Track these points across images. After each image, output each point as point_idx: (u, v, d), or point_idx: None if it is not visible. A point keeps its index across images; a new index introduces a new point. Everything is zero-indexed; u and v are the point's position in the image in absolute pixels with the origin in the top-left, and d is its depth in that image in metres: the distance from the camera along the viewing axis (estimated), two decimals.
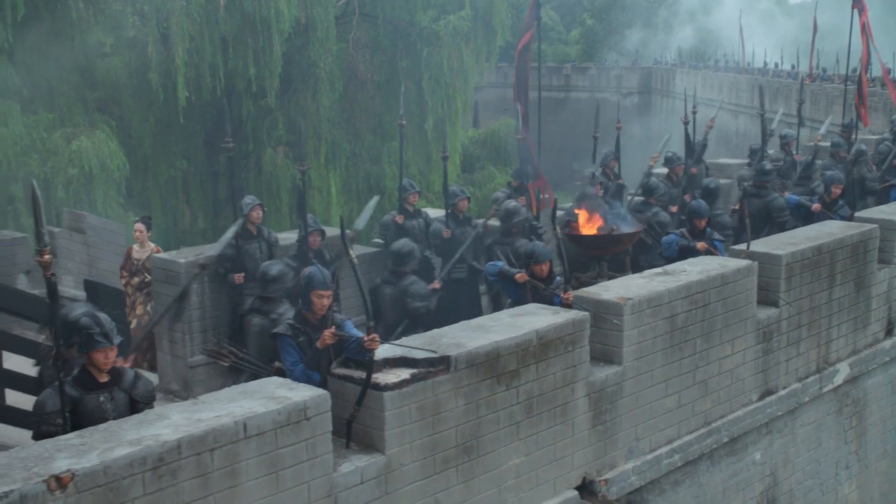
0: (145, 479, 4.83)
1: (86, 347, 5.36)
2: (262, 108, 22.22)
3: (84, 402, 5.39)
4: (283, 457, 5.37)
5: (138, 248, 10.47)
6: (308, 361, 6.20)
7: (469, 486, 6.39)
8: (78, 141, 17.45)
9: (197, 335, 9.02)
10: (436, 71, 22.78)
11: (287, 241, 9.73)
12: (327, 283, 6.48)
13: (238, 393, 5.60)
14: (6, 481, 4.46)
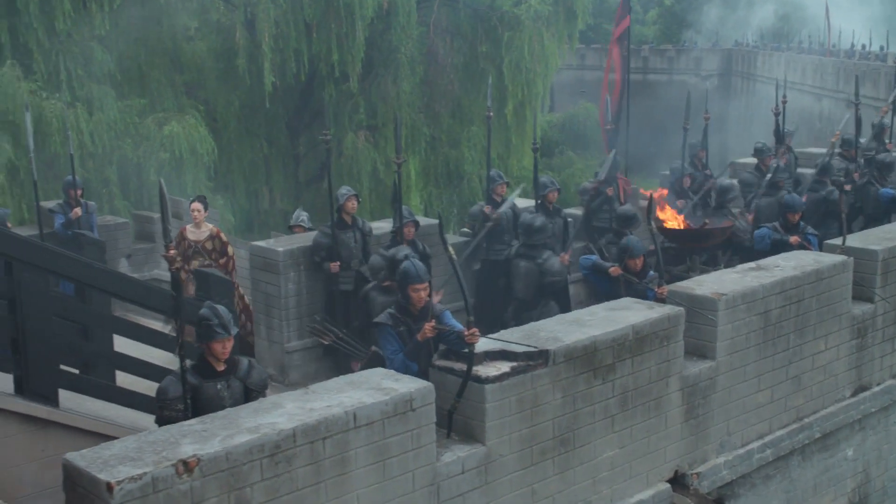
0: (263, 466, 5.07)
1: (205, 338, 5.62)
2: (343, 93, 22.46)
3: (202, 389, 5.66)
4: (389, 446, 5.57)
5: (194, 229, 9.99)
6: (408, 352, 6.39)
7: (564, 478, 6.53)
8: (169, 126, 17.92)
9: (293, 321, 9.31)
10: (516, 55, 22.74)
11: (380, 230, 9.94)
12: (422, 276, 6.63)
13: (346, 383, 5.81)
14: (139, 464, 4.74)
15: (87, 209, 10.94)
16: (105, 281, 6.34)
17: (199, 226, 9.94)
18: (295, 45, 20.45)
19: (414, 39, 22.82)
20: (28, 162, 16.18)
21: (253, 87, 21.04)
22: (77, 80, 17.44)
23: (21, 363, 6.11)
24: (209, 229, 9.97)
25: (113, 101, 17.77)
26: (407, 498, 5.69)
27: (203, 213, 9.92)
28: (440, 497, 5.87)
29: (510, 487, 6.24)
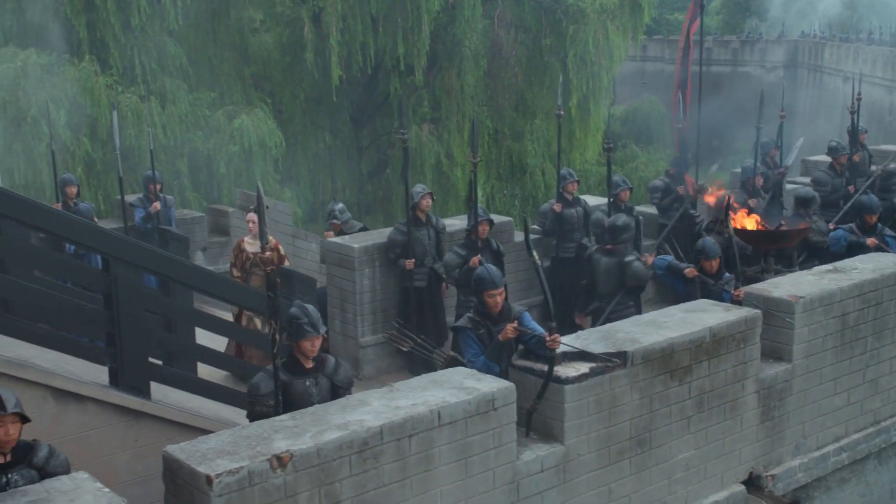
0: (352, 462, 5.23)
1: (295, 336, 5.79)
2: (407, 86, 22.63)
3: (292, 385, 5.83)
4: (471, 444, 5.70)
5: (252, 241, 9.39)
6: (489, 353, 6.48)
7: (641, 477, 6.60)
8: (239, 119, 18.25)
9: (367, 316, 9.48)
10: (581, 49, 22.69)
11: (452, 227, 10.06)
12: (497, 282, 6.66)
13: (429, 382, 5.94)
14: (236, 458, 4.92)
15: (166, 203, 11.22)
16: (204, 282, 6.56)
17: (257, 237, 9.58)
18: (361, 39, 20.67)
19: (478, 32, 22.89)
20: (112, 158, 16.72)
21: (319, 81, 21.31)
22: (151, 73, 17.85)
23: (116, 356, 6.35)
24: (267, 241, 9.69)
25: (185, 95, 18.16)
26: (488, 495, 5.82)
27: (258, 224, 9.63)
28: (519, 494, 5.98)
29: (587, 486, 6.33)
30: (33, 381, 5.99)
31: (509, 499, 5.92)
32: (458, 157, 23.07)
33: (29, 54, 15.91)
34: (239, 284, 6.93)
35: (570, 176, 10.57)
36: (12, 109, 15.47)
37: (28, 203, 6.20)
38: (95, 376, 6.65)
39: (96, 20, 17.14)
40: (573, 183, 10.53)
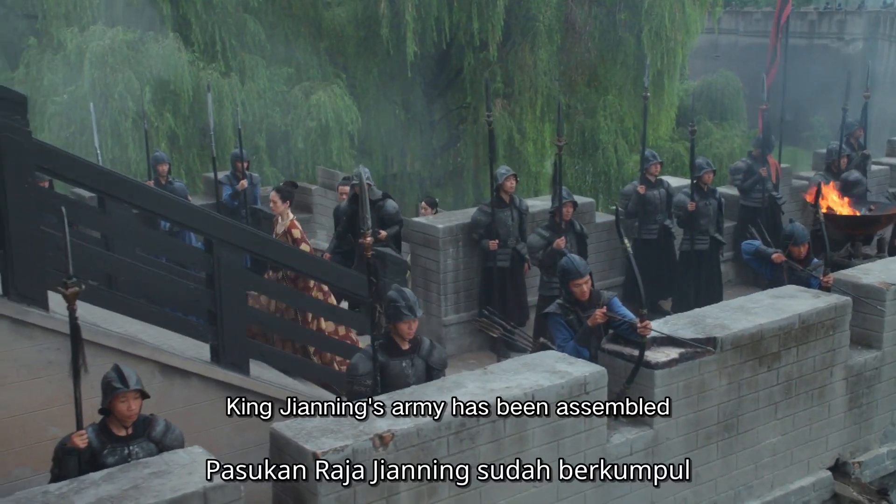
0: (449, 442, 5.40)
1: (392, 319, 5.95)
2: (480, 61, 22.60)
3: (389, 366, 6.01)
4: (563, 427, 5.83)
5: (280, 221, 8.85)
6: (579, 338, 6.58)
7: (727, 462, 6.67)
8: (316, 95, 18.46)
9: (451, 296, 9.64)
10: (656, 23, 22.37)
11: (535, 208, 10.14)
12: (580, 271, 6.70)
13: (521, 365, 6.08)
14: (340, 437, 5.12)
15: (252, 181, 11.48)
16: (303, 264, 6.76)
17: (283, 217, 8.79)
18: (436, 14, 20.67)
19: (552, 7, 22.72)
20: (194, 133, 17.11)
21: (393, 56, 21.41)
22: (231, 50, 18.13)
23: (218, 334, 6.59)
24: (288, 220, 8.77)
25: (263, 71, 18.42)
26: None
27: (279, 204, 8.77)
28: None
29: (675, 470, 6.41)
30: (143, 357, 6.26)
31: (599, 480, 6.04)
32: (530, 132, 23.04)
33: (116, 32, 16.30)
34: (336, 266, 7.08)
35: (653, 158, 10.55)
36: (100, 86, 15.89)
37: (137, 185, 6.45)
38: (197, 353, 6.92)
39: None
40: (656, 165, 10.51)
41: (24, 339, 5.85)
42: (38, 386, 5.93)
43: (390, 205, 9.63)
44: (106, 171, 6.45)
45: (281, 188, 9.01)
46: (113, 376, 5.01)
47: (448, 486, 5.40)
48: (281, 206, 8.68)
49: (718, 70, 30.63)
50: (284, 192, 8.85)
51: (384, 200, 9.60)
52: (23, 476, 5.93)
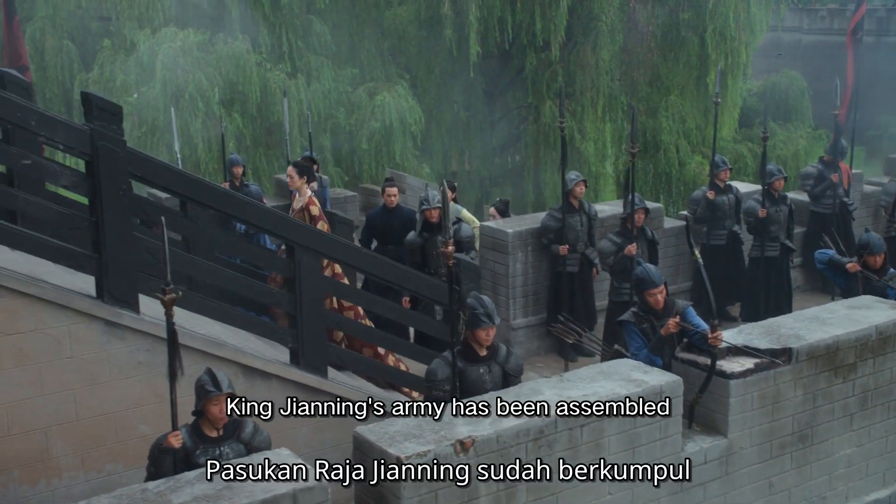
0: (528, 448, 5.50)
1: (471, 325, 6.07)
2: (542, 61, 22.63)
3: (467, 372, 6.12)
4: (639, 435, 5.90)
5: (298, 198, 8.55)
6: (652, 346, 6.63)
7: (801, 473, 6.67)
8: (380, 96, 18.64)
9: (519, 300, 9.74)
10: (721, 23, 22.18)
11: (604, 213, 10.18)
12: (655, 280, 6.74)
13: (597, 373, 6.15)
14: (422, 442, 5.25)
15: (321, 183, 11.66)
16: (384, 271, 6.90)
17: (301, 192, 8.46)
18: (499, 15, 20.76)
19: (615, 7, 22.66)
20: (261, 133, 17.39)
21: (454, 56, 21.53)
22: (297, 51, 18.40)
23: (298, 337, 6.77)
24: (306, 196, 8.39)
25: (328, 72, 18.65)
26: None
27: (296, 179, 8.42)
28: (683, 485, 6.15)
29: (749, 479, 6.45)
30: (226, 359, 6.46)
31: (673, 489, 6.10)
32: (591, 132, 23.00)
33: (187, 34, 16.64)
34: (416, 273, 7.20)
35: (723, 164, 10.52)
36: (171, 87, 16.24)
37: (221, 192, 6.65)
38: (275, 355, 7.11)
39: (248, 0, 17.78)
40: (726, 171, 10.49)
41: (117, 341, 6.08)
42: (129, 385, 6.16)
43: (465, 230, 9.63)
44: (193, 177, 6.65)
45: (299, 163, 8.72)
46: (206, 380, 5.19)
47: (526, 491, 5.50)
48: (298, 181, 8.40)
49: (782, 69, 30.18)
50: (302, 166, 8.59)
51: (458, 224, 9.59)
52: (115, 472, 6.17)
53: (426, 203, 9.14)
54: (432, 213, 9.04)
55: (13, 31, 10.66)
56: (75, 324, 5.93)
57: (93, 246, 6.09)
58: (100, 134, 5.83)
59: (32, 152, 6.40)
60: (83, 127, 5.85)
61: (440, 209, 8.53)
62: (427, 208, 9.10)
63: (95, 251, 6.06)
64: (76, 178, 5.96)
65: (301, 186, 8.38)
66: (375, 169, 18.39)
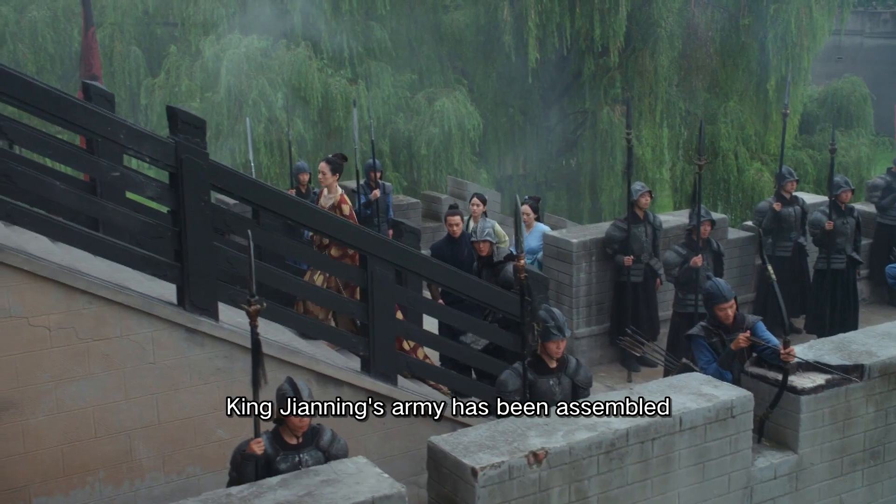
0: (599, 461, 5.57)
1: (542, 338, 6.14)
2: (600, 67, 22.62)
3: (537, 384, 6.20)
4: (709, 449, 5.93)
5: (327, 194, 8.40)
6: (721, 361, 6.65)
7: (873, 490, 6.64)
8: (439, 102, 18.80)
9: (582, 309, 9.79)
10: (782, 29, 21.97)
11: (667, 223, 10.18)
12: (726, 295, 6.74)
13: (667, 386, 6.19)
14: (496, 453, 5.34)
15: (385, 190, 11.80)
16: (455, 282, 7.01)
17: (331, 189, 8.35)
18: (558, 21, 20.80)
19: (674, 13, 22.57)
20: (320, 137, 17.64)
21: (511, 61, 21.60)
22: (357, 56, 18.61)
23: (369, 346, 6.90)
24: (336, 196, 8.27)
25: (388, 77, 18.84)
26: (722, 499, 6.04)
27: (328, 175, 8.29)
28: (753, 500, 6.17)
29: (819, 495, 6.44)
30: (301, 366, 6.60)
31: (742, 503, 6.11)
32: (648, 138, 22.92)
33: (251, 41, 16.95)
34: (488, 285, 7.28)
35: (789, 175, 10.46)
36: (235, 92, 16.55)
37: (300, 204, 6.80)
38: (346, 362, 7.25)
39: (310, 7, 18.03)
40: (793, 182, 10.42)
41: (197, 347, 6.25)
42: (207, 391, 6.33)
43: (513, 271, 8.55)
44: (270, 189, 6.81)
45: (331, 159, 8.52)
46: (287, 389, 5.33)
47: (597, 503, 5.57)
48: (330, 177, 8.26)
49: (843, 74, 29.75)
50: (334, 163, 8.39)
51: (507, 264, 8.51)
52: (194, 474, 6.35)
53: (474, 235, 8.83)
54: (480, 246, 8.65)
55: (89, 41, 10.99)
56: (158, 330, 6.11)
57: (175, 255, 6.27)
58: (184, 147, 6.01)
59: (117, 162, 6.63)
60: (168, 140, 6.03)
61: (489, 242, 8.59)
62: (475, 241, 8.72)
63: (177, 260, 6.24)
64: (161, 189, 6.15)
65: (332, 183, 8.29)
66: (434, 174, 18.55)
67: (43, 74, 17.53)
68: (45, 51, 17.64)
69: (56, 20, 17.75)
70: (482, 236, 8.60)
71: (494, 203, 13.71)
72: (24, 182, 5.77)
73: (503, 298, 7.05)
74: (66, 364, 5.85)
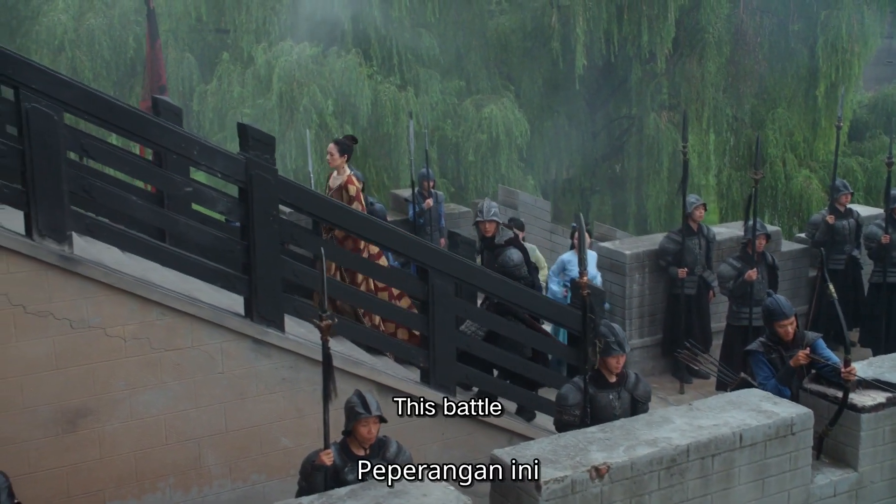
0: (660, 476, 5.64)
1: (602, 353, 6.22)
2: (647, 73, 22.59)
3: (597, 398, 6.28)
4: (769, 466, 5.97)
5: (336, 175, 8.33)
6: (780, 377, 6.67)
7: None
8: (487, 109, 18.87)
9: (635, 320, 9.84)
10: (832, 35, 21.78)
11: (721, 235, 10.19)
12: (787, 312, 6.76)
13: (726, 402, 6.24)
14: (559, 467, 5.43)
15: (437, 199, 11.92)
16: (517, 297, 7.12)
17: (340, 171, 8.24)
18: (605, 27, 20.81)
19: (722, 19, 22.47)
20: (370, 143, 17.80)
21: (558, 67, 21.65)
22: (406, 63, 18.75)
23: (430, 357, 7.03)
24: (343, 177, 8.17)
25: (436, 84, 18.96)
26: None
27: (336, 157, 8.19)
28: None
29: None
30: (362, 377, 6.75)
31: None
32: (695, 143, 22.81)
33: (303, 48, 17.16)
34: (549, 299, 7.38)
35: (844, 188, 10.43)
36: (287, 100, 16.77)
37: (363, 219, 6.94)
38: (406, 373, 7.38)
39: (360, 14, 18.21)
40: (847, 195, 10.40)
41: (264, 358, 6.42)
42: (273, 400, 6.50)
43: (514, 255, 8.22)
44: (335, 203, 6.97)
45: (340, 140, 8.43)
46: (356, 402, 5.46)
47: None
48: (338, 159, 8.16)
49: (894, 79, 29.41)
50: (343, 144, 8.31)
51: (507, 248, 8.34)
52: (259, 482, 6.52)
53: (480, 215, 8.61)
54: (486, 226, 8.46)
55: (155, 54, 11.26)
56: (227, 341, 6.29)
57: (242, 267, 6.44)
58: (254, 163, 6.18)
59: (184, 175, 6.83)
60: (239, 156, 6.20)
61: (495, 222, 8.43)
62: (481, 220, 8.51)
63: (245, 272, 6.40)
64: (231, 203, 6.32)
65: (341, 165, 8.20)
66: (481, 181, 18.63)
67: (99, 80, 17.85)
68: (102, 57, 17.95)
69: (112, 27, 18.06)
70: (488, 216, 8.44)
71: (543, 212, 13.75)
72: (103, 197, 5.97)
73: (565, 313, 7.14)
74: (139, 373, 6.05)
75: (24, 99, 5.48)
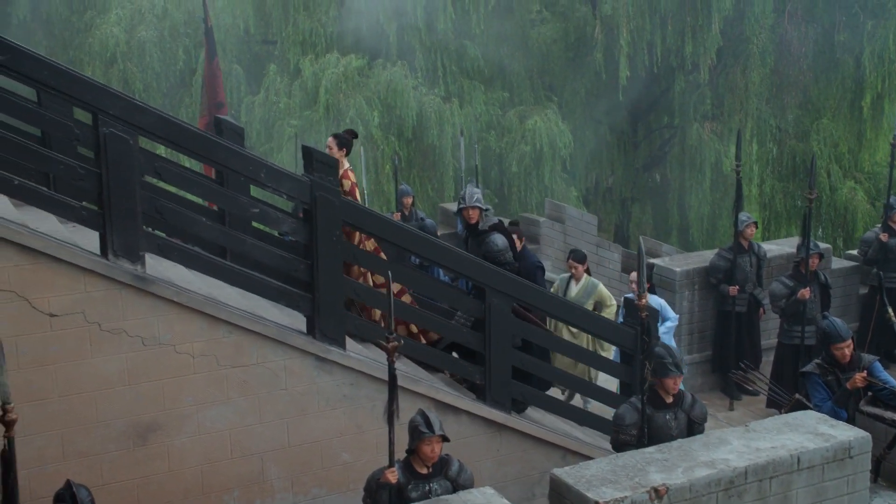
0: (718, 498, 5.69)
1: (659, 374, 6.30)
2: (690, 83, 22.56)
3: (653, 418, 6.35)
4: (826, 489, 6.00)
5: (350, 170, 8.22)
6: (836, 399, 6.70)
7: None
8: (531, 120, 18.97)
9: (684, 337, 9.88)
10: (879, 45, 21.61)
11: (771, 252, 10.21)
12: (843, 335, 6.80)
13: (783, 424, 6.28)
14: (618, 488, 5.51)
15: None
16: (570, 315, 7.22)
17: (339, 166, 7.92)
18: (648, 38, 20.84)
19: (766, 29, 22.39)
20: (413, 155, 17.97)
21: (601, 77, 21.68)
22: (451, 75, 18.90)
23: (485, 374, 7.14)
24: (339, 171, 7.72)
25: (480, 95, 19.09)
26: None
27: (335, 150, 8.16)
28: None
29: None
30: (421, 394, 6.87)
31: None
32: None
33: (349, 60, 17.36)
34: (605, 319, 7.46)
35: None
36: (333, 111, 16.98)
37: (421, 239, 7.07)
38: (463, 390, 7.49)
39: (405, 26, 18.39)
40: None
41: (325, 375, 6.57)
42: (334, 416, 6.64)
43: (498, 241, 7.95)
44: (395, 224, 7.12)
45: (339, 135, 8.46)
46: (420, 421, 5.59)
47: None
48: (337, 152, 8.13)
49: None
50: (342, 138, 8.34)
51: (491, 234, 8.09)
52: (319, 496, 6.67)
53: (462, 202, 8.36)
54: (469, 212, 8.23)
55: (213, 70, 11.47)
56: (291, 359, 6.44)
57: (305, 286, 6.58)
58: (318, 185, 6.33)
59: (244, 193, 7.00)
60: (304, 178, 6.36)
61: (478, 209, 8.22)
62: (464, 207, 8.27)
63: (308, 291, 6.55)
64: (295, 224, 6.48)
65: (339, 159, 8.06)
66: (524, 192, 18.72)
67: (149, 92, 18.21)
68: (152, 69, 18.30)
69: (163, 39, 18.41)
70: (471, 202, 8.24)
71: (590, 226, 13.81)
72: (173, 217, 6.15)
73: (619, 332, 7.22)
74: (207, 389, 6.21)
75: (102, 124, 5.68)
